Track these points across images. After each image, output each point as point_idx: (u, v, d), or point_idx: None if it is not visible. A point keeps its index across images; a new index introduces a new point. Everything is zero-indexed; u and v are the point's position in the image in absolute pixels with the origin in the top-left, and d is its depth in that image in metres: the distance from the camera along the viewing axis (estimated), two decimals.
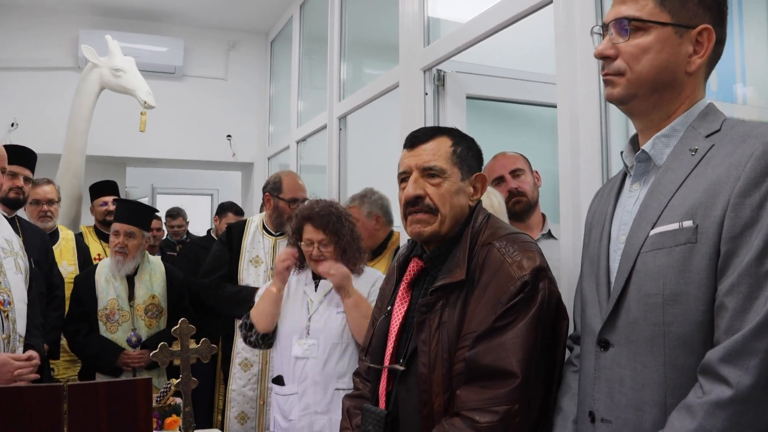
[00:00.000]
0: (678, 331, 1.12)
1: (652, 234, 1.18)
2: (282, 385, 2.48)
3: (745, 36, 2.28)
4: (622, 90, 1.26)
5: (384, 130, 3.95)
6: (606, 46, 1.27)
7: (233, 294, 3.25)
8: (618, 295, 1.22)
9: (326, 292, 2.52)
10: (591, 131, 1.86)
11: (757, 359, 1.00)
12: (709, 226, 1.10)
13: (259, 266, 3.32)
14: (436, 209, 1.62)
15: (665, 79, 1.23)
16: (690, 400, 1.07)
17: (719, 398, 1.02)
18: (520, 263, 1.50)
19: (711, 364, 1.05)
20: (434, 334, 1.55)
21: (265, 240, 3.36)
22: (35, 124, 5.27)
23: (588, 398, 1.30)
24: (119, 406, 1.77)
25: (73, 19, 5.52)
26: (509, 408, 1.41)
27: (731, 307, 1.05)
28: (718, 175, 1.11)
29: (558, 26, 1.99)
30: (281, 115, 5.84)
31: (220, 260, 3.36)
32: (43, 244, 2.92)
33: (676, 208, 1.16)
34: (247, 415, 3.23)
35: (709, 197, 1.11)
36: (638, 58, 1.23)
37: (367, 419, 1.67)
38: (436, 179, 1.64)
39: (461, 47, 2.57)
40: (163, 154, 5.88)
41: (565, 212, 1.94)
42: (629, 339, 1.20)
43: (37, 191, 3.68)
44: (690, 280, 1.11)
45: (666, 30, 1.21)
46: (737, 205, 1.07)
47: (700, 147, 1.18)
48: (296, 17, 5.25)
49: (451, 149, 1.66)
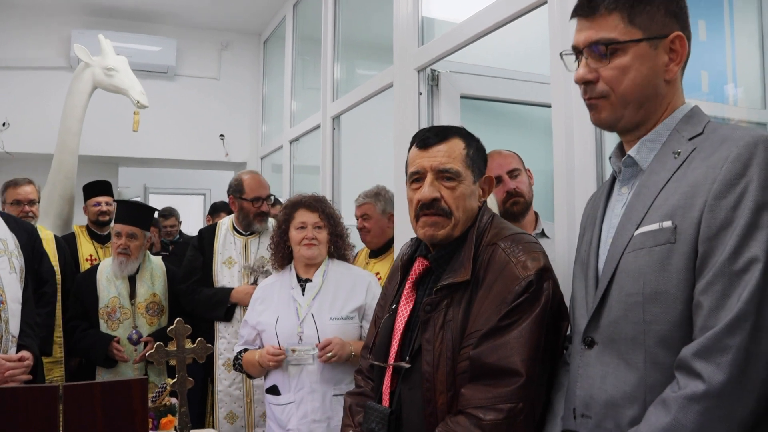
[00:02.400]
0: (658, 329, 1.14)
1: (636, 234, 1.20)
2: (277, 394, 2.46)
3: (736, 37, 2.29)
4: (608, 114, 1.28)
5: (378, 129, 3.95)
6: (585, 72, 1.28)
7: (209, 297, 3.30)
8: (602, 295, 1.25)
9: (314, 295, 2.49)
10: (585, 131, 1.86)
11: (729, 355, 1.03)
12: (687, 227, 1.12)
13: (232, 267, 3.38)
14: (450, 212, 1.63)
15: (648, 92, 1.25)
16: (665, 395, 1.10)
17: (693, 393, 1.05)
18: (525, 263, 1.51)
19: (685, 360, 1.08)
20: (438, 333, 1.55)
21: (236, 240, 3.42)
22: (27, 124, 5.26)
23: (571, 395, 1.32)
24: (115, 406, 1.77)
25: (66, 18, 5.50)
26: (513, 406, 1.43)
27: (706, 305, 1.07)
28: (697, 177, 1.14)
29: (552, 26, 2.00)
30: (274, 115, 5.84)
31: (193, 265, 3.42)
32: (29, 239, 2.89)
33: (658, 209, 1.18)
34: (235, 414, 3.28)
35: (688, 198, 1.14)
36: (620, 79, 1.24)
37: (370, 416, 1.67)
38: (451, 182, 1.63)
39: (455, 47, 2.58)
40: (156, 154, 5.87)
41: (560, 212, 1.95)
42: (611, 337, 1.22)
43: (18, 191, 3.66)
44: (669, 279, 1.14)
45: (641, 46, 1.23)
46: (713, 206, 1.10)
47: (683, 150, 1.21)
48: (289, 17, 5.25)
49: (464, 151, 1.66)
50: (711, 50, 2.24)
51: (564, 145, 1.93)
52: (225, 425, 3.26)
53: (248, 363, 2.53)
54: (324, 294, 2.49)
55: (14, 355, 2.57)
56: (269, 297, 2.58)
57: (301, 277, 2.55)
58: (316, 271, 2.54)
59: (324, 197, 2.59)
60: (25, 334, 2.68)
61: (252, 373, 2.59)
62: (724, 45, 2.26)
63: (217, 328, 3.32)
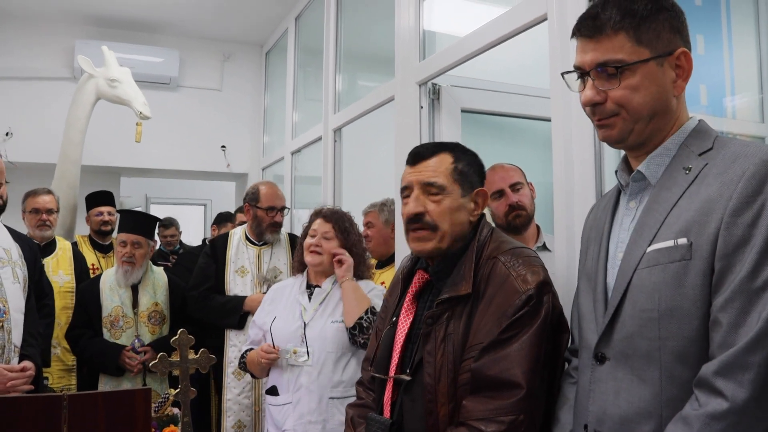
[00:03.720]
0: (673, 345, 1.15)
1: (649, 251, 1.20)
2: (276, 395, 2.48)
3: (734, 50, 2.31)
4: (619, 131, 1.27)
5: (379, 142, 3.97)
6: (593, 94, 1.27)
7: (222, 304, 3.34)
8: (614, 310, 1.25)
9: (320, 301, 2.52)
10: (585, 145, 1.88)
11: (751, 373, 1.03)
12: (703, 244, 1.12)
13: (245, 276, 3.42)
14: (435, 226, 1.65)
15: (658, 109, 1.25)
16: (686, 412, 1.10)
17: (715, 410, 1.05)
18: (525, 277, 1.53)
19: (706, 378, 1.08)
20: (440, 346, 1.57)
21: (249, 250, 3.47)
22: (31, 134, 5.29)
23: (583, 410, 1.32)
24: (118, 416, 1.78)
25: (70, 29, 5.54)
26: (515, 418, 1.44)
27: (725, 323, 1.07)
28: (711, 193, 1.14)
29: (552, 41, 2.02)
30: (276, 126, 5.86)
31: (206, 273, 3.46)
32: (31, 252, 2.92)
33: (671, 225, 1.18)
34: (243, 423, 3.29)
35: (703, 215, 1.14)
36: (630, 99, 1.23)
37: (371, 428, 1.68)
38: (436, 196, 1.66)
39: (457, 62, 2.61)
40: (158, 165, 5.90)
41: (559, 225, 1.96)
42: (624, 353, 1.22)
43: (37, 200, 3.72)
44: (685, 295, 1.14)
45: (649, 65, 1.23)
46: (730, 223, 1.10)
47: (694, 166, 1.21)
48: (291, 29, 5.28)
49: (452, 166, 1.69)
50: (709, 64, 2.26)
51: (563, 158, 1.94)
52: None
53: (251, 362, 2.57)
54: (330, 300, 2.52)
55: (17, 365, 2.58)
56: (278, 299, 2.63)
57: (311, 284, 2.59)
58: (327, 279, 2.57)
59: (346, 214, 2.63)
60: (27, 344, 2.69)
61: (255, 372, 2.61)
62: (722, 58, 2.28)
63: (227, 337, 3.36)
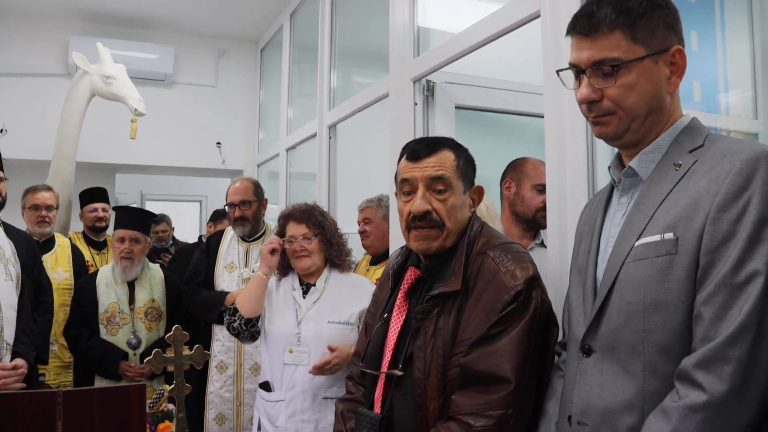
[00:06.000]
0: (657, 338, 1.16)
1: (637, 245, 1.22)
2: (269, 390, 2.48)
3: (727, 46, 2.32)
4: (615, 128, 1.28)
5: (374, 138, 3.98)
6: (589, 92, 1.27)
7: (205, 298, 3.41)
8: (601, 303, 1.26)
9: (315, 299, 2.51)
10: (578, 141, 1.89)
11: (730, 367, 1.04)
12: (689, 239, 1.14)
13: (233, 272, 3.49)
14: (442, 224, 1.65)
15: (653, 107, 1.26)
16: (666, 404, 1.11)
17: (694, 402, 1.06)
18: (514, 273, 1.54)
19: (686, 370, 1.09)
20: (429, 341, 1.58)
21: (239, 246, 3.54)
22: (25, 131, 5.28)
23: (568, 402, 1.34)
24: (113, 412, 1.79)
25: (64, 25, 5.52)
26: (503, 412, 1.45)
27: (707, 317, 1.08)
28: (699, 189, 1.15)
29: (545, 38, 2.03)
30: (271, 123, 5.86)
31: (198, 267, 3.54)
32: (29, 248, 2.93)
33: (660, 220, 1.19)
34: (224, 416, 3.36)
35: (690, 211, 1.15)
36: (626, 97, 1.24)
37: (361, 423, 1.69)
38: (442, 194, 1.65)
39: (451, 58, 2.61)
40: (153, 161, 5.89)
41: (552, 221, 1.97)
42: (611, 346, 1.23)
43: (36, 197, 3.73)
44: (670, 289, 1.15)
45: (645, 62, 1.23)
46: (716, 219, 1.11)
47: (684, 162, 1.22)
48: (286, 25, 5.28)
49: (455, 162, 1.68)
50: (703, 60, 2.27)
51: (556, 154, 1.95)
52: (214, 426, 3.34)
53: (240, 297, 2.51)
54: (325, 299, 2.51)
55: (8, 363, 2.58)
56: (271, 289, 2.59)
57: (304, 281, 2.58)
58: (318, 277, 2.57)
59: (313, 206, 2.59)
60: (20, 341, 2.68)
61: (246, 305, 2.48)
62: (716, 55, 2.29)
63: (213, 331, 3.43)
